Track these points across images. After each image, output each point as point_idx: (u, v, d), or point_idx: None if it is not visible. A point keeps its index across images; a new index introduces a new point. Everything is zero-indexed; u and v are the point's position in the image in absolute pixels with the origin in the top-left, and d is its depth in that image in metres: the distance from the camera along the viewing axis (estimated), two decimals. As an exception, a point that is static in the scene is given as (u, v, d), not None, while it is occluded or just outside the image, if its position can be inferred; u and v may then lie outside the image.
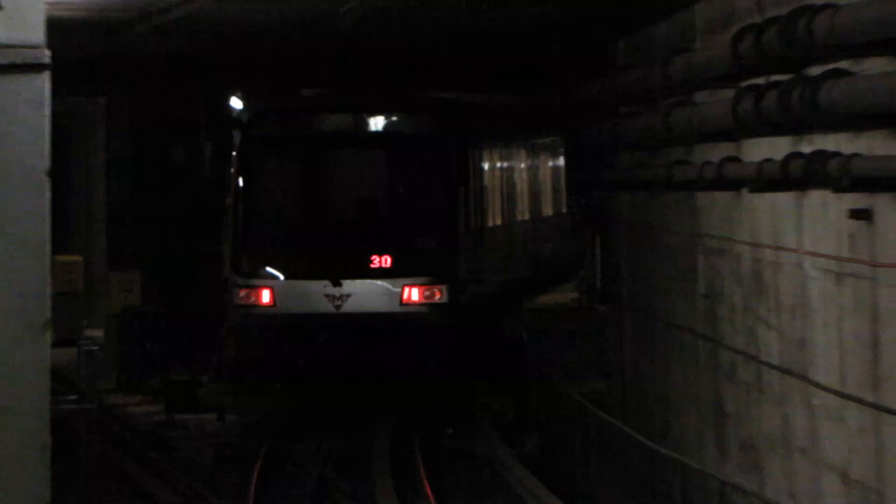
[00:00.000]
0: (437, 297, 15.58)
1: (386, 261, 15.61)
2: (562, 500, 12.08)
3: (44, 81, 4.92)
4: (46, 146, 4.89)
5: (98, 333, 20.34)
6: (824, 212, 8.59)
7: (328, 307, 15.43)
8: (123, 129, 21.24)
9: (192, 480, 13.21)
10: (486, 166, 18.76)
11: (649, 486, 10.94)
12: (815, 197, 8.70)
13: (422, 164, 16.06)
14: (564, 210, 24.66)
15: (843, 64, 8.05)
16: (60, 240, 21.82)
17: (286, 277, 15.60)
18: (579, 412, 12.85)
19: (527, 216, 22.24)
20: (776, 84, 8.78)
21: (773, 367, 9.54)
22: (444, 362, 15.48)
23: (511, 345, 16.94)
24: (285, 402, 16.47)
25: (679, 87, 11.00)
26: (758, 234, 9.82)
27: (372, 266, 15.62)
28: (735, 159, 10.04)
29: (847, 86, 7.84)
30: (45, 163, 4.85)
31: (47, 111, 4.93)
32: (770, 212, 9.54)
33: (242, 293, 15.68)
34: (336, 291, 15.42)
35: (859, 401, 8.15)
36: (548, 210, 24.36)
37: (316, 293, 15.41)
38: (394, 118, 16.21)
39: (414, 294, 15.47)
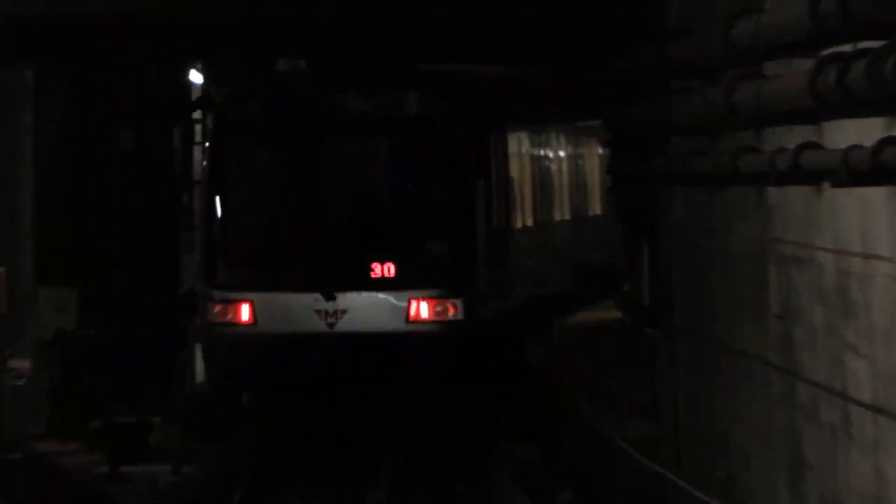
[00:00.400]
0: (451, 313, 15.57)
1: (389, 269, 15.60)
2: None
3: None
4: None
5: (24, 364, 20.34)
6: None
7: (320, 325, 15.46)
8: (57, 110, 21.18)
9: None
10: (513, 155, 18.87)
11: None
12: (917, 193, 8.64)
13: (433, 152, 16.08)
14: (599, 210, 24.67)
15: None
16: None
17: (269, 289, 15.60)
18: (623, 460, 12.80)
19: (566, 216, 22.16)
20: (866, 52, 8.68)
21: (864, 405, 9.45)
22: (458, 393, 15.52)
23: (539, 377, 16.96)
24: (257, 446, 16.44)
25: (745, 57, 10.95)
26: (844, 239, 9.75)
27: (372, 276, 15.59)
28: (815, 146, 9.98)
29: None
30: None
31: None
32: (859, 211, 9.47)
33: (217, 309, 15.73)
34: (329, 306, 15.45)
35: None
36: (594, 209, 24.26)
37: (305, 308, 15.44)
38: (399, 98, 16.20)
39: (423, 310, 15.49)
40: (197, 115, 22.14)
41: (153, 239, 20.22)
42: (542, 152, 20.78)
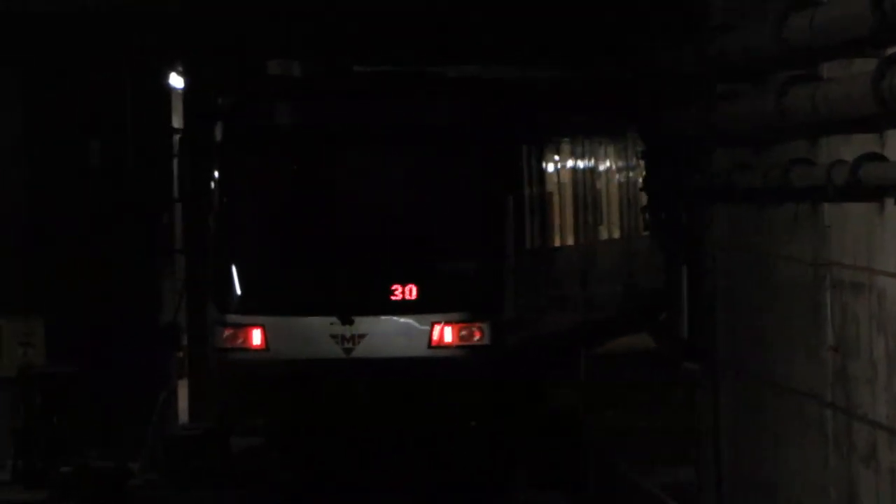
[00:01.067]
0: (477, 337, 15.94)
1: (411, 291, 16.01)
2: None
3: None
4: None
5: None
6: None
7: (336, 351, 15.85)
8: (15, 118, 21.20)
9: None
10: (548, 167, 19.01)
11: None
12: None
13: (458, 165, 16.49)
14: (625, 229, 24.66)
15: None
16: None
17: (282, 313, 16.02)
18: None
19: (615, 234, 22.12)
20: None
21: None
22: (484, 422, 15.90)
23: (563, 418, 17.04)
24: (252, 491, 16.50)
25: (798, 57, 10.96)
26: (910, 261, 9.78)
27: (393, 298, 16.00)
28: (877, 157, 9.99)
29: None
30: None
31: None
32: (928, 231, 9.51)
33: (226, 333, 16.09)
34: (347, 331, 15.85)
35: None
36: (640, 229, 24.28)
37: (321, 333, 15.84)
38: (422, 105, 16.55)
39: (447, 334, 15.89)
40: (177, 124, 22.18)
41: (129, 264, 20.23)
42: (585, 164, 20.70)
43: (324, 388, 15.82)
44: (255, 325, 15.85)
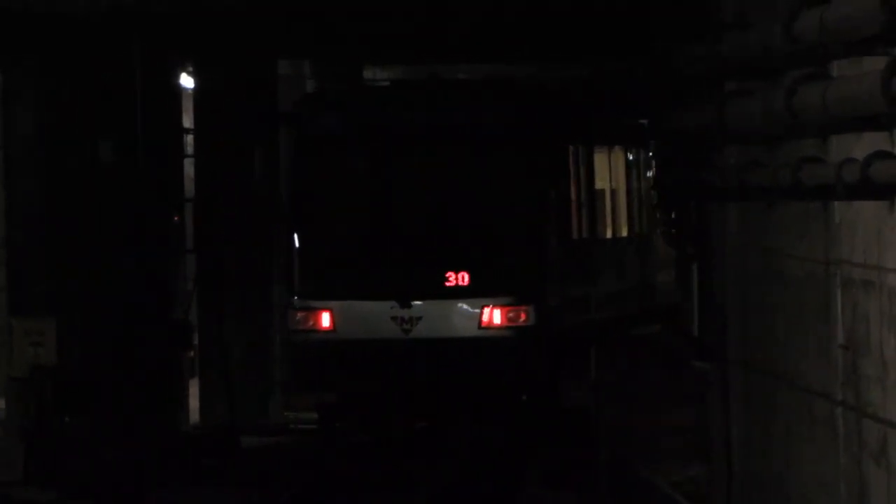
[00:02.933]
0: (522, 319, 17.72)
1: (463, 278, 17.82)
2: None
3: None
4: None
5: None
6: None
7: (396, 332, 17.66)
8: (27, 118, 21.19)
9: None
10: (582, 166, 20.58)
11: None
12: None
13: (506, 163, 18.29)
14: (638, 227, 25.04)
15: None
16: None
17: (348, 298, 17.84)
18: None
19: (636, 230, 23.04)
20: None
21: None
22: (530, 396, 17.69)
23: (575, 415, 17.56)
24: (263, 490, 16.72)
25: (809, 54, 10.94)
26: (920, 259, 9.77)
27: (447, 284, 17.80)
28: (888, 155, 9.97)
29: None
30: None
31: None
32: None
33: (298, 316, 18.04)
34: (405, 314, 17.68)
35: None
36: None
37: (382, 316, 17.66)
38: (473, 109, 18.33)
39: (496, 316, 17.67)
40: (188, 124, 22.19)
41: (141, 263, 20.22)
42: (613, 163, 21.61)
43: (384, 365, 17.42)
44: (324, 309, 17.57)
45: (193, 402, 21.35)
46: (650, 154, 24.62)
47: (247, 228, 22.02)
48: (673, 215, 16.78)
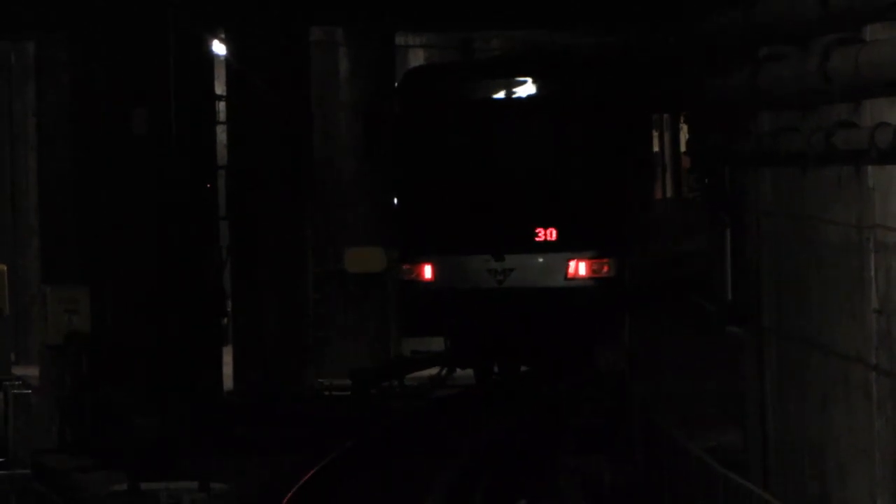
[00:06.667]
0: (605, 271, 19.59)
1: (551, 234, 19.73)
2: None
3: None
4: None
5: (32, 371, 20.52)
6: None
7: (490, 282, 19.58)
8: (62, 85, 21.25)
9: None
10: (652, 134, 22.13)
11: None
12: None
13: (591, 130, 19.97)
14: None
15: None
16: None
17: (449, 253, 19.74)
18: (703, 475, 12.86)
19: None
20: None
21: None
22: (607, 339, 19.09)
23: (610, 381, 17.83)
24: (302, 462, 17.01)
25: (842, 19, 10.93)
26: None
27: (536, 240, 19.72)
28: (921, 119, 9.99)
29: None
30: None
31: None
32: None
33: (405, 268, 20.06)
34: (498, 266, 19.60)
35: None
36: None
37: (478, 268, 19.57)
38: (561, 80, 20.18)
39: (581, 268, 19.56)
40: (220, 91, 22.23)
41: (175, 231, 20.28)
42: (672, 131, 22.61)
43: (480, 312, 19.27)
44: (428, 262, 19.52)
45: (227, 370, 21.47)
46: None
47: (281, 196, 22.07)
48: (706, 181, 16.82)
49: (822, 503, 12.17)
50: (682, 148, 22.90)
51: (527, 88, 20.08)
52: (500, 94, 20.09)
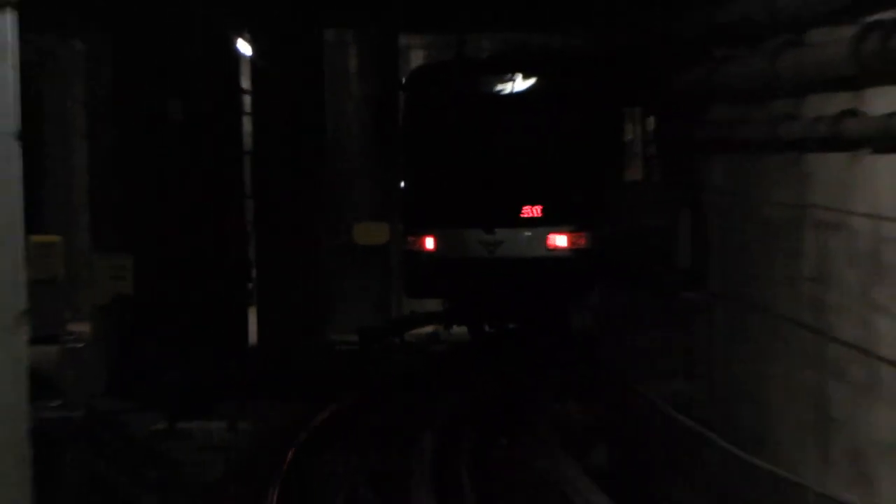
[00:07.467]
0: (581, 243, 19.81)
1: (535, 211, 19.94)
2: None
3: (6, 22, 4.62)
4: (13, 103, 4.72)
5: (84, 328, 20.53)
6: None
7: (483, 252, 19.89)
8: (107, 79, 21.18)
9: (195, 499, 13.35)
10: (620, 125, 22.23)
11: (740, 502, 10.93)
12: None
13: (571, 123, 20.24)
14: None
15: None
16: (37, 217, 22.07)
17: (447, 227, 20.04)
18: (658, 417, 12.87)
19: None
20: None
21: (893, 363, 9.49)
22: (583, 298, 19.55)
23: (581, 339, 18.01)
24: (314, 407, 17.01)
25: (789, 24, 10.91)
26: (880, 204, 9.75)
27: (523, 216, 19.93)
28: (855, 113, 9.95)
29: None
30: (13, 124, 4.70)
31: (13, 60, 4.70)
32: None
33: (410, 240, 20.40)
34: (490, 238, 19.88)
35: None
36: None
37: (472, 240, 19.85)
38: (546, 79, 20.63)
39: (560, 240, 19.79)
40: (245, 85, 22.18)
41: (207, 207, 20.28)
42: (637, 123, 22.73)
43: (473, 278, 19.62)
44: (429, 235, 19.88)
45: (252, 327, 21.49)
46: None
47: (298, 178, 22.05)
48: (668, 165, 16.83)
49: (758, 440, 12.19)
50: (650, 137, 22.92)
51: (515, 85, 20.44)
52: (493, 90, 20.45)
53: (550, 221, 19.82)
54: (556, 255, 19.75)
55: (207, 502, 13.41)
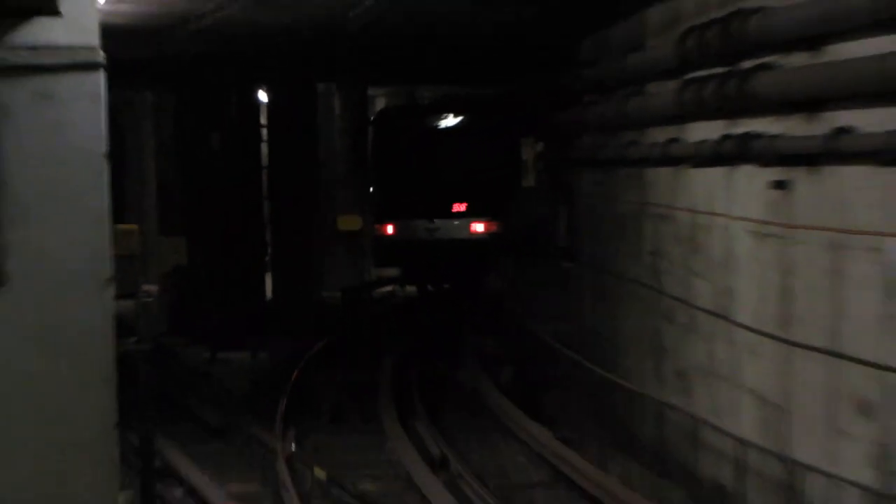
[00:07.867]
0: (494, 229, 20.03)
1: (462, 207, 20.17)
2: (531, 419, 12.15)
3: (99, 78, 4.94)
4: (103, 133, 4.92)
5: (153, 288, 20.32)
6: (750, 183, 8.63)
7: (426, 235, 20.01)
8: (168, 119, 21.06)
9: (232, 405, 13.28)
10: (522, 149, 22.92)
11: (602, 407, 10.95)
12: (743, 171, 8.72)
13: (489, 146, 20.88)
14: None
15: (772, 58, 8.05)
16: (120, 212, 21.69)
17: (402, 218, 20.18)
18: (547, 349, 12.88)
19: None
20: (714, 76, 8.74)
21: (704, 310, 9.57)
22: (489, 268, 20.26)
23: (495, 294, 18.31)
24: (312, 343, 17.03)
25: (633, 80, 10.95)
26: (695, 202, 9.83)
27: (454, 210, 20.15)
28: (678, 140, 10.01)
29: (773, 77, 7.85)
30: (103, 147, 4.89)
31: (103, 103, 4.95)
32: (705, 183, 9.55)
33: (377, 227, 20.45)
34: (431, 226, 20.02)
35: (773, 337, 8.24)
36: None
37: (420, 227, 20.02)
38: (471, 116, 21.04)
39: (479, 227, 19.99)
40: (263, 121, 21.99)
41: (239, 208, 20.18)
42: (530, 147, 23.07)
43: (420, 253, 19.81)
44: (389, 223, 19.97)
45: (268, 286, 21.35)
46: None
47: (299, 185, 21.89)
48: (552, 177, 16.91)
49: (613, 367, 12.24)
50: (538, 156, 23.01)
51: (448, 122, 20.95)
52: (433, 125, 20.94)
53: (472, 214, 20.15)
54: (477, 238, 20.10)
55: (239, 407, 13.32)
